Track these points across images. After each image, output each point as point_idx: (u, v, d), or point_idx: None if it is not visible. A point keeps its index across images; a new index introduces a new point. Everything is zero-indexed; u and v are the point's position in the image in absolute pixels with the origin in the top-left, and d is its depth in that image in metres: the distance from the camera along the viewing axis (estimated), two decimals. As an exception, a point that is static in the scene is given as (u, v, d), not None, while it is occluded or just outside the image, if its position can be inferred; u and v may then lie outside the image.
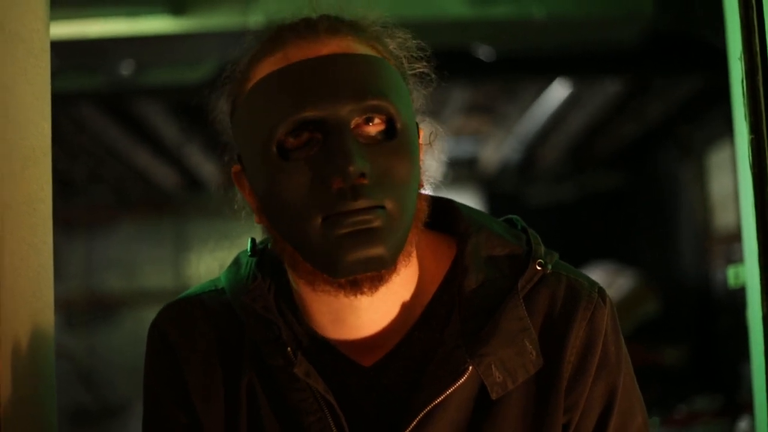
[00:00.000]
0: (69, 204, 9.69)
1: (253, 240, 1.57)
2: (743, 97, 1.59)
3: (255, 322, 1.43)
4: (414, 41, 1.47)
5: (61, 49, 4.60)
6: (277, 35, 1.41)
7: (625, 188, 9.51)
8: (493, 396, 1.35)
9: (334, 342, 1.43)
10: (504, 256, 1.45)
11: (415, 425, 1.34)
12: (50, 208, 1.58)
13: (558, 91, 6.48)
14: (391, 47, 1.44)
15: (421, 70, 1.48)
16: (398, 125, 1.32)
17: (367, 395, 1.41)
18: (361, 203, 1.26)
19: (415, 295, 1.44)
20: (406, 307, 1.43)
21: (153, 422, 1.51)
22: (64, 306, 9.85)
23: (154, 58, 5.07)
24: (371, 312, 1.40)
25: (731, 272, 2.18)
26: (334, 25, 1.39)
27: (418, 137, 1.42)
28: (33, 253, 1.52)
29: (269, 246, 1.52)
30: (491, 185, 9.76)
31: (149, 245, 10.75)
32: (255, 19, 4.43)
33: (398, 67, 1.43)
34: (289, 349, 1.38)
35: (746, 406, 5.44)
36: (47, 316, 1.57)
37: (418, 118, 1.46)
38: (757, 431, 2.00)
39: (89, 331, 10.33)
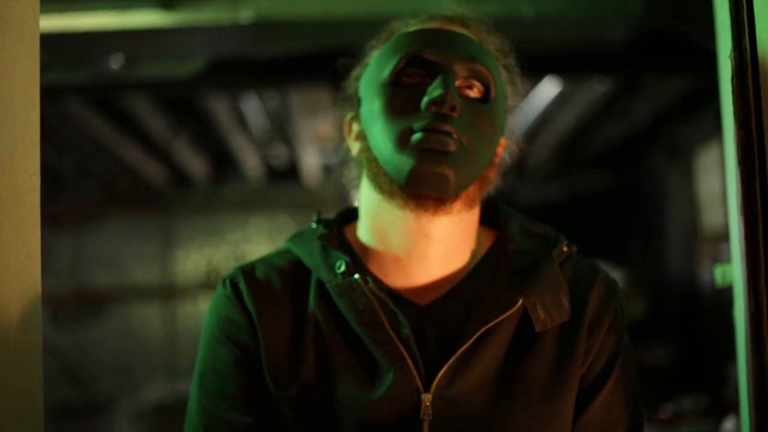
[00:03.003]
0: (56, 199, 9.66)
1: (318, 212, 1.83)
2: (732, 94, 1.60)
3: (324, 263, 1.67)
4: (512, 56, 1.79)
5: (49, 43, 4.58)
6: (423, 17, 1.73)
7: (613, 188, 9.51)
8: (537, 328, 1.61)
9: (391, 284, 1.69)
10: (538, 234, 1.78)
11: (470, 344, 1.58)
12: (38, 199, 1.58)
13: (547, 90, 6.47)
14: (500, 62, 1.74)
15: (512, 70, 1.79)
16: (492, 95, 1.63)
17: (422, 329, 1.63)
18: (446, 127, 1.53)
19: (469, 254, 1.73)
20: (460, 261, 1.71)
21: (210, 363, 1.68)
22: (51, 301, 9.84)
23: (143, 52, 5.05)
24: (434, 242, 1.65)
25: (718, 271, 2.20)
26: (466, 20, 1.73)
27: (504, 123, 1.73)
28: (21, 245, 1.51)
29: (332, 217, 1.84)
30: (480, 184, 9.73)
31: (137, 241, 10.73)
32: (245, 13, 4.42)
33: (502, 67, 1.75)
34: (357, 276, 1.61)
35: (732, 406, 5.46)
36: (35, 308, 1.57)
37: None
38: (742, 431, 2.00)
39: (76, 327, 10.30)
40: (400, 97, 1.59)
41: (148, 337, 10.58)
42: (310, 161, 9.25)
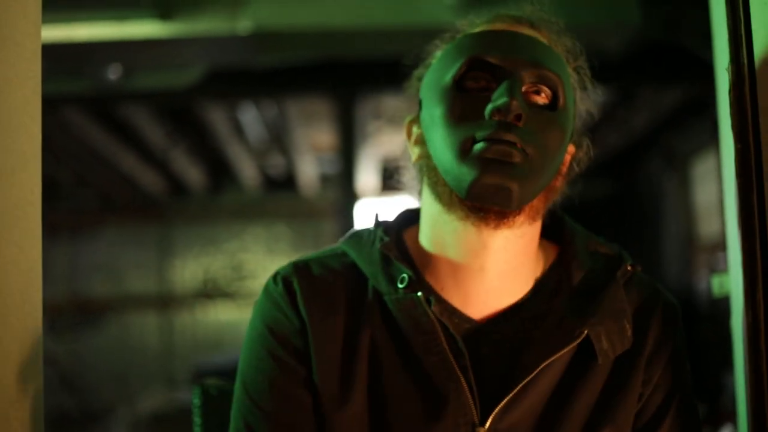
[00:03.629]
0: (54, 208, 9.67)
1: (377, 215, 1.72)
2: (730, 107, 1.60)
3: (384, 272, 1.57)
4: (583, 58, 1.70)
5: (48, 53, 4.57)
6: (489, 16, 1.63)
7: (610, 197, 9.52)
8: (600, 361, 1.52)
9: (450, 299, 1.57)
10: (602, 253, 1.68)
11: (531, 378, 1.48)
12: (39, 211, 1.58)
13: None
14: (569, 65, 1.64)
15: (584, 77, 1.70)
16: (560, 102, 1.52)
17: (481, 346, 1.54)
18: (511, 137, 1.42)
19: (530, 269, 1.62)
20: (520, 276, 1.60)
21: (255, 363, 1.59)
22: (48, 311, 9.73)
23: (141, 62, 5.07)
24: (494, 255, 1.54)
25: (716, 281, 2.19)
26: (535, 21, 1.62)
27: (572, 131, 1.62)
28: (22, 256, 1.52)
29: (391, 221, 1.71)
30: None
31: (134, 250, 10.74)
32: (243, 24, 4.43)
33: (572, 77, 1.63)
34: (420, 294, 1.51)
35: (729, 416, 5.46)
36: (36, 320, 1.57)
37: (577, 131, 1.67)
38: (740, 440, 2.01)
39: (73, 336, 10.30)
40: (462, 103, 1.48)
41: (145, 346, 10.59)
42: (308, 171, 9.26)
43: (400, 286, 1.54)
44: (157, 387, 9.64)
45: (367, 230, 1.69)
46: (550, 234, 1.71)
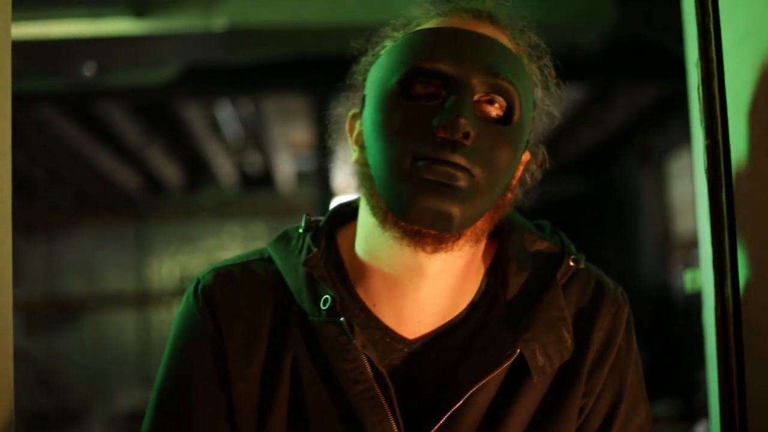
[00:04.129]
0: (29, 206, 9.62)
1: (307, 215, 1.58)
2: (699, 103, 1.61)
3: (308, 291, 1.45)
4: (548, 57, 1.56)
5: (23, 50, 4.57)
6: (444, 9, 1.49)
7: (586, 194, 9.55)
8: (535, 379, 1.42)
9: (383, 316, 1.46)
10: (541, 251, 1.55)
11: (464, 401, 1.39)
12: (9, 208, 1.57)
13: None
14: (533, 63, 1.52)
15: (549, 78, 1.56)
16: (515, 116, 1.38)
17: (413, 368, 1.45)
18: (456, 158, 1.30)
19: (471, 283, 1.51)
20: (460, 293, 1.48)
21: (175, 383, 1.49)
22: (24, 309, 9.79)
23: (116, 59, 5.05)
24: (430, 284, 1.44)
25: (688, 276, 2.21)
26: (496, 18, 1.47)
27: (527, 141, 1.48)
28: (-8, 253, 1.51)
29: (323, 221, 1.58)
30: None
31: (110, 248, 10.71)
32: (218, 21, 4.43)
33: (532, 77, 1.50)
34: (343, 319, 1.39)
35: (704, 411, 5.48)
36: (5, 318, 1.57)
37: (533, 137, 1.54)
38: (712, 435, 2.02)
39: (49, 335, 10.26)
40: (406, 113, 1.34)
41: (122, 344, 10.56)
42: (284, 168, 9.25)
43: (323, 308, 1.41)
44: (134, 385, 9.61)
45: (297, 233, 1.55)
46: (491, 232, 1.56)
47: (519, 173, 1.51)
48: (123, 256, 10.75)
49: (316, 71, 5.82)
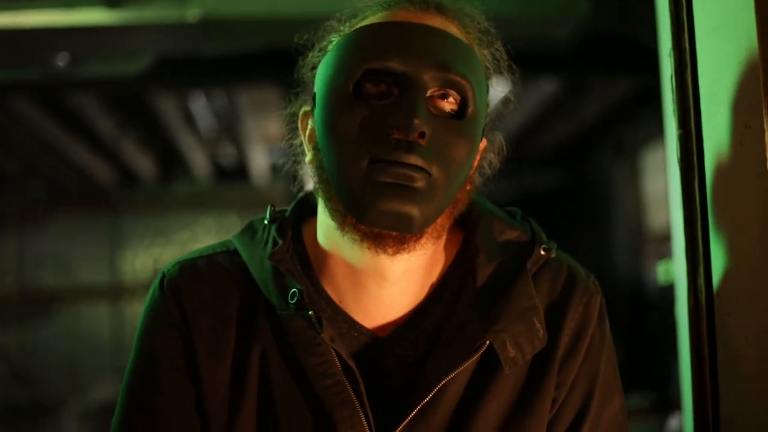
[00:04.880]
0: (2, 199, 9.57)
1: (271, 207, 1.57)
2: (672, 93, 1.61)
3: (275, 284, 1.44)
4: (499, 42, 1.54)
5: (-7, 40, 4.55)
6: (390, 0, 1.46)
7: (561, 187, 9.56)
8: (506, 370, 1.41)
9: (349, 310, 1.46)
10: (511, 240, 1.54)
11: (433, 394, 1.38)
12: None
13: (494, 90, 6.51)
14: (484, 48, 1.51)
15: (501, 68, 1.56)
16: (469, 109, 1.37)
17: (381, 362, 1.44)
18: (413, 159, 1.29)
19: (434, 272, 1.50)
20: (421, 282, 1.48)
21: (143, 377, 1.48)
22: (-5, 301, 9.74)
23: (89, 50, 5.02)
24: (393, 284, 1.44)
25: (661, 268, 2.21)
26: (444, 7, 1.45)
27: (483, 132, 1.48)
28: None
29: (288, 212, 1.57)
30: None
31: (84, 241, 10.66)
32: (192, 11, 4.40)
33: (486, 66, 1.50)
34: (311, 312, 1.38)
35: (678, 404, 5.51)
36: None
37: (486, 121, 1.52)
38: (685, 428, 2.02)
39: (22, 327, 10.21)
40: (359, 114, 1.33)
41: (95, 337, 10.51)
42: (259, 161, 9.23)
43: (291, 301, 1.40)
44: (108, 378, 9.57)
45: (263, 224, 1.55)
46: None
47: (476, 162, 1.51)
48: (96, 248, 10.70)
49: (290, 63, 5.80)
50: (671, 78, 1.61)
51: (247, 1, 4.42)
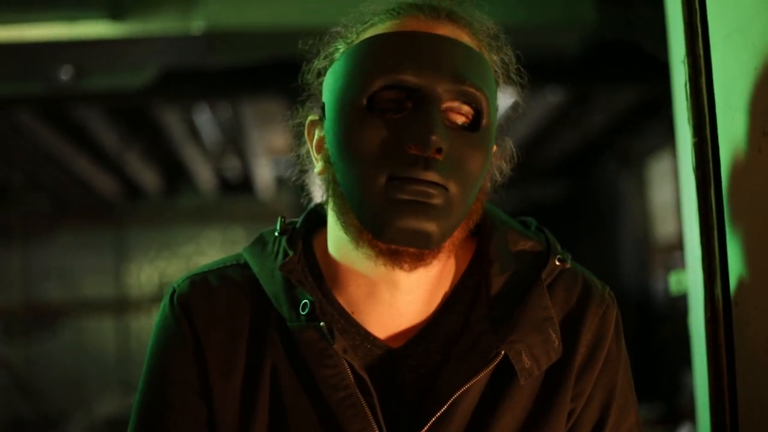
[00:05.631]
0: (6, 211, 9.58)
1: (282, 218, 1.54)
2: (686, 100, 1.59)
3: (286, 296, 1.41)
4: (508, 46, 1.51)
5: (-2, 54, 4.55)
6: (398, 7, 1.43)
7: (567, 197, 9.56)
8: (522, 381, 1.38)
9: (362, 321, 1.43)
10: (525, 251, 1.50)
11: (448, 406, 1.35)
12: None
13: (500, 100, 6.51)
14: (494, 54, 1.48)
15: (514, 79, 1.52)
16: (484, 120, 1.36)
17: (395, 374, 1.42)
18: (431, 176, 1.27)
19: (448, 282, 1.47)
20: (434, 291, 1.45)
21: (155, 396, 1.45)
22: (1, 315, 9.75)
23: (93, 63, 5.02)
24: (406, 293, 1.41)
25: (673, 279, 2.19)
26: (454, 14, 1.42)
27: (494, 140, 1.44)
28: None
29: (298, 224, 1.54)
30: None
31: (89, 254, 10.66)
32: (196, 24, 4.39)
33: (496, 72, 1.47)
34: (323, 324, 1.36)
35: (687, 415, 5.48)
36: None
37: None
38: (698, 438, 2.00)
39: (27, 341, 10.21)
40: (373, 129, 1.31)
41: (101, 350, 10.51)
42: (264, 173, 9.22)
43: (302, 312, 1.38)
44: (113, 392, 9.57)
45: (273, 236, 1.52)
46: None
47: (487, 177, 1.48)
48: (101, 261, 10.71)
49: (295, 75, 5.79)
50: (685, 85, 1.59)
51: (251, 12, 4.41)
